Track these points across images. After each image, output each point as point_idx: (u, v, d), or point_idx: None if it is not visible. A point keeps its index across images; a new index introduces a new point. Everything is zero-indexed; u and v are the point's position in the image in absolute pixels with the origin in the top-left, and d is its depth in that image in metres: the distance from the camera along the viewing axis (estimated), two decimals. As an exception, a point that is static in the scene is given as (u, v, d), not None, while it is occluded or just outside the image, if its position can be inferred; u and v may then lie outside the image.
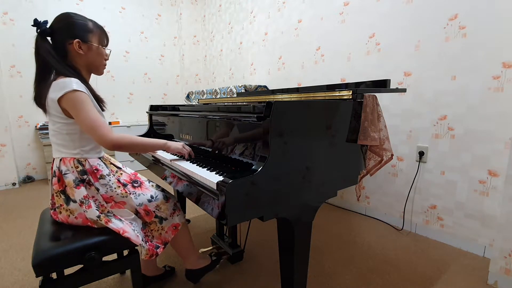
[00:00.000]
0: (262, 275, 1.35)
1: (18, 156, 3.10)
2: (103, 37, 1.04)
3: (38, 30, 0.93)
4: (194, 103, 2.61)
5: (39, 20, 0.94)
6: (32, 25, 0.94)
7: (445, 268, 1.41)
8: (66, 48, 0.95)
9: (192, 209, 2.21)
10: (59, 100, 0.87)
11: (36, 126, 3.14)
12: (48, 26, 0.95)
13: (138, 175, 1.10)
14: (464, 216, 1.57)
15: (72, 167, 0.93)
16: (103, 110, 1.04)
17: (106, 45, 1.06)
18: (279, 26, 2.69)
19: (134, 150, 1.02)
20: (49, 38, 0.96)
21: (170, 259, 1.50)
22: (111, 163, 1.06)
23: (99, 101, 1.01)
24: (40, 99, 0.93)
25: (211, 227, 1.90)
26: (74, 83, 0.87)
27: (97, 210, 0.92)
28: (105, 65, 1.07)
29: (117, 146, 0.91)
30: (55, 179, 0.94)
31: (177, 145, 1.11)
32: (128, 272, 1.38)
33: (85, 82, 0.96)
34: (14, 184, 2.93)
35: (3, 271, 1.42)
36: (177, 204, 1.13)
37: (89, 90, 0.94)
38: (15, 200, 2.54)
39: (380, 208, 2.00)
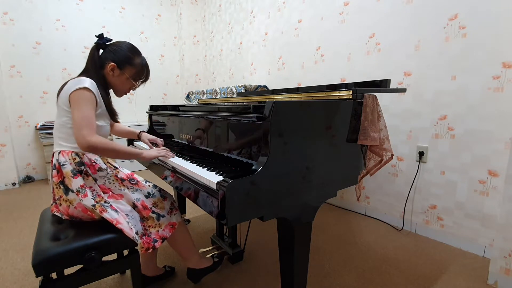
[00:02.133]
0: (262, 275, 1.35)
1: (18, 156, 3.10)
2: (141, 75, 1.14)
3: (97, 41, 1.07)
4: (194, 103, 2.61)
5: (104, 36, 1.08)
6: (95, 35, 1.08)
7: (445, 268, 1.41)
8: (104, 65, 1.08)
9: (192, 209, 2.21)
10: (71, 95, 0.93)
11: (36, 126, 3.14)
12: (108, 43, 1.09)
13: (135, 175, 1.11)
14: (464, 216, 1.57)
15: (70, 158, 0.96)
16: (116, 121, 1.15)
17: (139, 80, 1.15)
18: (279, 26, 2.69)
19: (107, 155, 1.00)
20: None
21: (170, 259, 1.50)
22: (108, 162, 1.08)
23: (112, 113, 1.10)
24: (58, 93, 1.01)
25: (211, 227, 1.90)
26: (87, 82, 0.95)
27: (93, 199, 0.94)
28: (127, 93, 1.17)
29: (91, 148, 0.91)
30: (54, 172, 0.97)
31: (151, 153, 1.10)
32: (128, 272, 1.38)
33: (106, 90, 1.08)
34: (14, 184, 2.93)
35: (3, 271, 1.42)
36: (174, 204, 1.14)
37: (104, 99, 1.03)
38: (15, 200, 2.54)
39: (380, 208, 2.00)
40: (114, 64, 1.07)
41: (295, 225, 0.88)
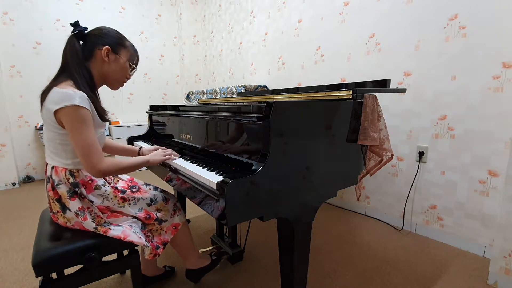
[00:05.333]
0: (262, 275, 1.35)
1: (18, 156, 3.10)
2: (134, 58, 1.05)
3: (76, 31, 0.94)
4: (194, 103, 2.61)
5: (79, 22, 0.95)
6: (70, 24, 0.94)
7: (445, 268, 1.41)
8: (94, 52, 0.95)
9: (192, 209, 2.21)
10: (56, 112, 0.83)
11: (36, 126, 3.15)
12: (86, 31, 0.96)
13: (135, 179, 1.10)
14: (464, 216, 1.57)
15: (64, 178, 0.90)
16: (105, 121, 0.99)
17: (135, 66, 1.06)
18: (279, 26, 2.69)
19: (120, 174, 0.98)
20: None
21: (170, 259, 1.50)
22: None
23: (101, 113, 0.95)
24: (41, 100, 0.91)
25: (211, 227, 1.90)
26: (77, 97, 0.82)
27: (93, 222, 0.91)
28: (124, 83, 1.06)
29: (105, 174, 0.88)
30: (49, 186, 0.92)
31: (156, 158, 1.06)
32: (128, 272, 1.38)
33: (93, 89, 0.95)
34: (14, 184, 2.93)
35: (3, 271, 1.42)
36: (177, 204, 1.13)
37: (93, 100, 0.89)
38: (15, 200, 2.54)
39: (380, 208, 2.00)
40: (109, 48, 0.95)
41: (295, 225, 0.88)
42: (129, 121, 3.80)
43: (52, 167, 0.92)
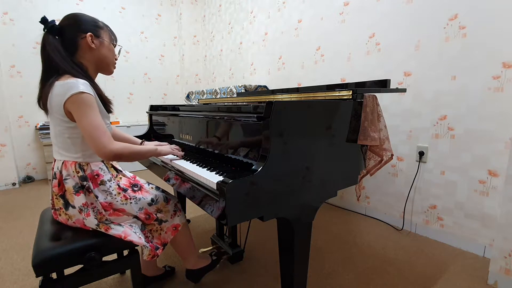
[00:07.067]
0: (262, 275, 1.35)
1: (18, 156, 3.10)
2: (112, 36, 1.05)
3: (47, 27, 0.90)
4: (194, 103, 2.61)
5: (47, 18, 0.90)
6: (40, 22, 0.90)
7: (445, 268, 1.41)
8: (78, 43, 0.93)
9: (192, 209, 2.21)
10: (64, 103, 0.84)
11: (36, 126, 3.14)
12: (56, 24, 0.92)
13: (137, 178, 1.09)
14: (464, 216, 1.57)
15: (73, 171, 0.91)
16: (110, 112, 1.00)
17: (116, 43, 1.06)
18: (279, 26, 2.69)
19: (131, 160, 0.97)
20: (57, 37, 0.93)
21: (170, 259, 1.50)
22: (112, 166, 1.04)
23: (105, 102, 0.97)
24: (42, 99, 0.91)
25: (211, 227, 1.90)
26: (81, 85, 0.84)
27: (95, 218, 0.91)
28: (115, 64, 1.07)
29: (117, 157, 0.87)
30: (55, 182, 0.93)
31: (166, 148, 1.10)
32: (128, 272, 1.38)
33: (92, 81, 0.94)
34: (14, 184, 2.93)
35: (3, 271, 1.42)
36: (177, 205, 1.13)
37: (96, 90, 0.91)
38: (15, 200, 2.54)
39: (380, 208, 2.00)
40: (91, 33, 0.93)
41: (295, 225, 0.88)
42: (129, 121, 3.80)
43: (62, 163, 0.92)
